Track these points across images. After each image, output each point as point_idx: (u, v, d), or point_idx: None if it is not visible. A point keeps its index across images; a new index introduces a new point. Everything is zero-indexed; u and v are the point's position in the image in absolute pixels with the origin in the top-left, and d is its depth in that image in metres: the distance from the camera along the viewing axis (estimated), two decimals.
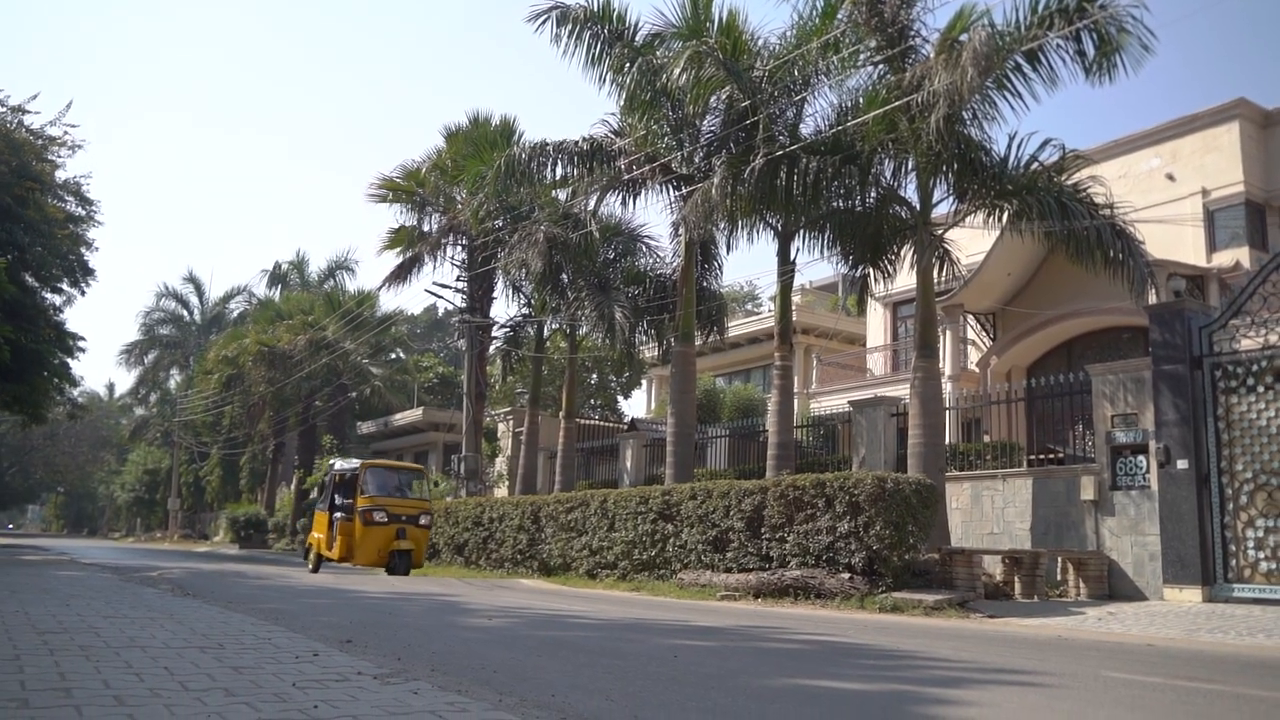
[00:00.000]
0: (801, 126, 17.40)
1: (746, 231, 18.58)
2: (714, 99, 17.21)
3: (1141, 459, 12.88)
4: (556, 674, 5.27)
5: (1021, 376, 21.67)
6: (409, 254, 28.99)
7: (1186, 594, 11.82)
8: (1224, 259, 20.62)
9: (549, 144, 19.80)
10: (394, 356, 46.67)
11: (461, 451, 28.52)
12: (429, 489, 20.90)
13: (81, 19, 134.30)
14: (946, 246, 16.34)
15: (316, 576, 17.14)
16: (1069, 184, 14.62)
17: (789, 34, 17.26)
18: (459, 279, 28.40)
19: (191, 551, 36.14)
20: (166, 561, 21.57)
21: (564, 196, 23.19)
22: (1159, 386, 12.63)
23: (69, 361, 24.62)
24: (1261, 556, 11.42)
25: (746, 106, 16.35)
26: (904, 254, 16.74)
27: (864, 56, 15.74)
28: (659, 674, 5.37)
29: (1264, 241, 20.50)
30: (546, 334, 26.85)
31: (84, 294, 25.07)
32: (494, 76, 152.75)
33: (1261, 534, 11.46)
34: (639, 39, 18.45)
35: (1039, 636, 8.99)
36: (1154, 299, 14.27)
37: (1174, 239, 20.76)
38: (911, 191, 15.92)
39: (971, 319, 24.02)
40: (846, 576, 12.24)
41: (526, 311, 26.85)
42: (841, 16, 15.92)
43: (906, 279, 17.82)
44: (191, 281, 60.73)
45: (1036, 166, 14.69)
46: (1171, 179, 21.86)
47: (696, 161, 18.71)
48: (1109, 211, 14.51)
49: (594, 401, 38.31)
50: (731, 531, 14.23)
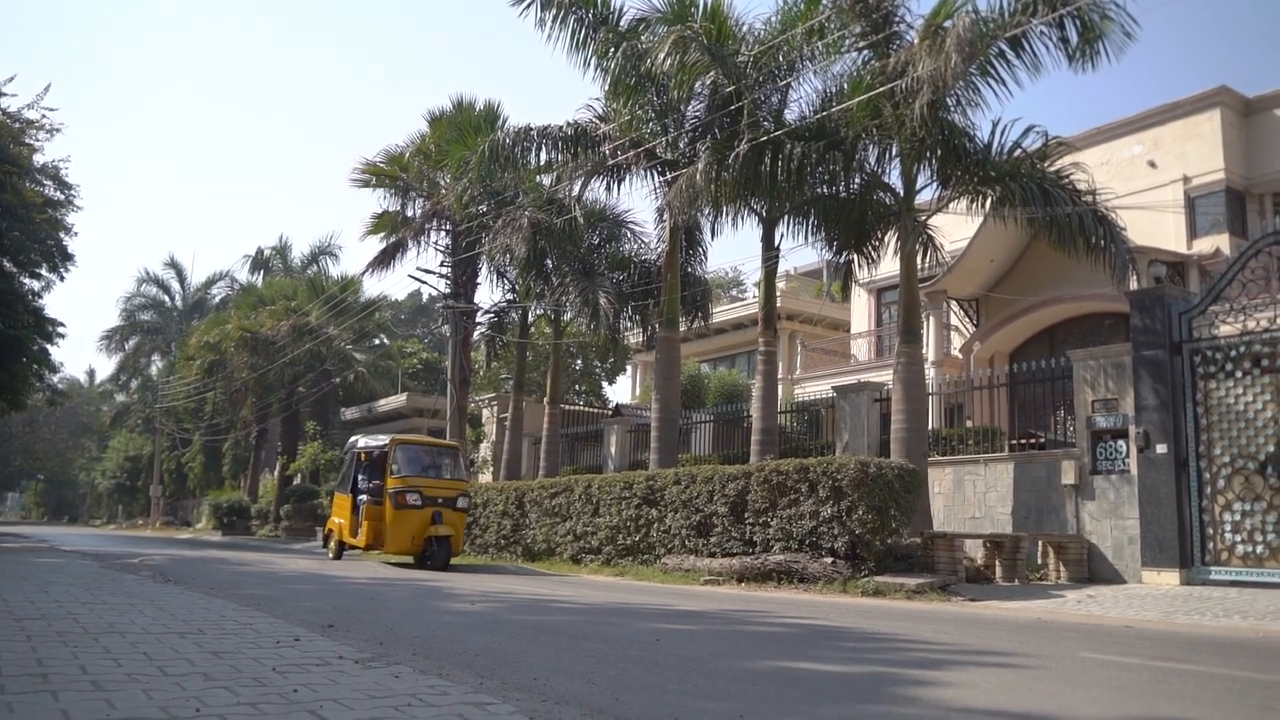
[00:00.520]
0: (786, 112, 17.40)
1: (731, 217, 18.57)
2: (699, 84, 17.17)
3: (1121, 443, 12.97)
4: (538, 657, 5.28)
5: (1004, 362, 21.78)
6: (392, 239, 28.83)
7: (1165, 577, 11.93)
8: (1204, 246, 20.74)
9: (533, 129, 19.71)
10: (378, 342, 46.51)
11: (446, 438, 28.45)
12: (465, 468, 18.35)
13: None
14: (930, 233, 16.39)
15: (300, 563, 17.03)
16: (1052, 170, 14.68)
17: (774, 19, 17.26)
18: (443, 264, 28.28)
19: (174, 538, 35.99)
20: (148, 548, 21.47)
21: (548, 182, 23.11)
22: (1139, 372, 12.72)
23: (48, 348, 24.42)
24: (1238, 540, 11.53)
25: (731, 92, 16.32)
26: (888, 240, 16.79)
27: (849, 42, 15.73)
28: (640, 657, 5.39)
29: (1244, 228, 20.62)
30: (531, 320, 26.79)
31: (63, 279, 24.90)
32: (478, 61, 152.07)
33: (1238, 517, 11.57)
34: (623, 24, 18.37)
35: (1019, 619, 9.06)
36: (1135, 285, 14.36)
37: (1155, 226, 20.85)
38: (895, 177, 15.98)
39: (955, 305, 24.10)
40: (829, 561, 12.30)
41: (511, 297, 26.78)
42: (826, 2, 15.92)
43: (890, 265, 17.86)
44: (173, 267, 60.36)
45: (1019, 153, 14.73)
46: (1153, 166, 21.94)
47: (681, 147, 18.67)
48: (1091, 198, 14.57)
49: (579, 387, 38.32)
50: (715, 516, 14.27)
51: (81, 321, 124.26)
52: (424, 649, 5.36)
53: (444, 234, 28.31)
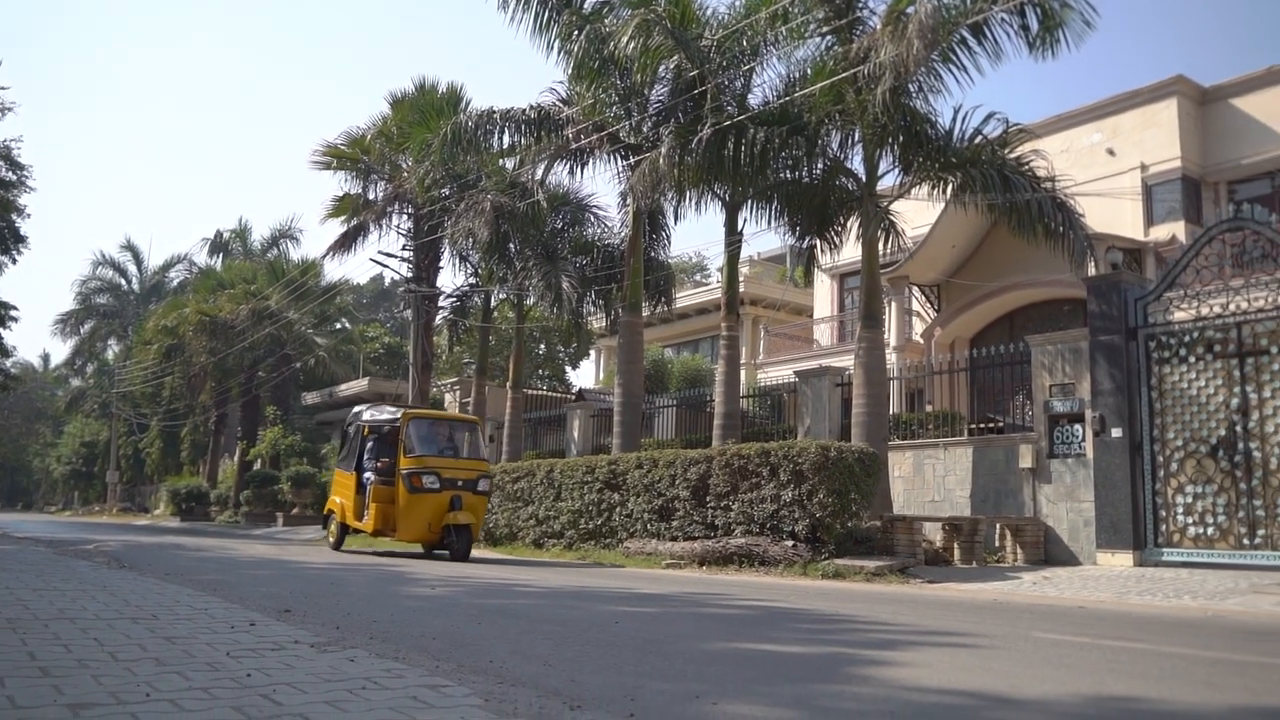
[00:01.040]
0: (750, 97, 17.41)
1: (694, 202, 18.57)
2: (662, 68, 17.13)
3: (1078, 428, 13.15)
4: (496, 640, 5.27)
5: (965, 347, 21.97)
6: (354, 222, 28.60)
7: (1119, 558, 12.14)
8: (1161, 233, 21.03)
9: (496, 112, 19.58)
10: (339, 326, 46.14)
11: None
12: (485, 445, 16.31)
13: None
14: (892, 219, 16.49)
15: (259, 548, 16.81)
16: (1012, 157, 14.81)
17: (738, 3, 17.23)
18: (405, 248, 28.09)
19: (131, 525, 35.56)
20: (104, 535, 21.18)
21: (511, 165, 22.99)
22: (1095, 357, 12.89)
23: (1, 331, 23.97)
24: (1190, 522, 11.75)
25: (695, 76, 16.30)
26: (850, 225, 16.86)
27: (812, 27, 15.74)
28: (598, 639, 5.40)
29: (1199, 216, 20.91)
30: (494, 304, 26.70)
31: (15, 262, 24.43)
32: (441, 42, 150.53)
33: (1190, 500, 11.79)
34: (587, 6, 18.30)
35: (975, 600, 9.17)
36: (1093, 271, 14.52)
37: (1114, 213, 21.11)
38: (858, 163, 16.06)
39: (916, 290, 24.27)
40: (790, 544, 12.38)
41: (473, 281, 26.66)
42: None
43: (853, 250, 17.96)
44: (129, 250, 59.45)
45: (980, 140, 14.85)
46: (1112, 154, 22.20)
47: (645, 131, 18.63)
48: (1050, 185, 14.73)
49: (542, 372, 38.24)
50: (677, 500, 14.32)
51: (35, 305, 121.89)
52: (381, 633, 5.33)
53: (406, 217, 28.13)
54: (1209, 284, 12.03)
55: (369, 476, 15.91)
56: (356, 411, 17.57)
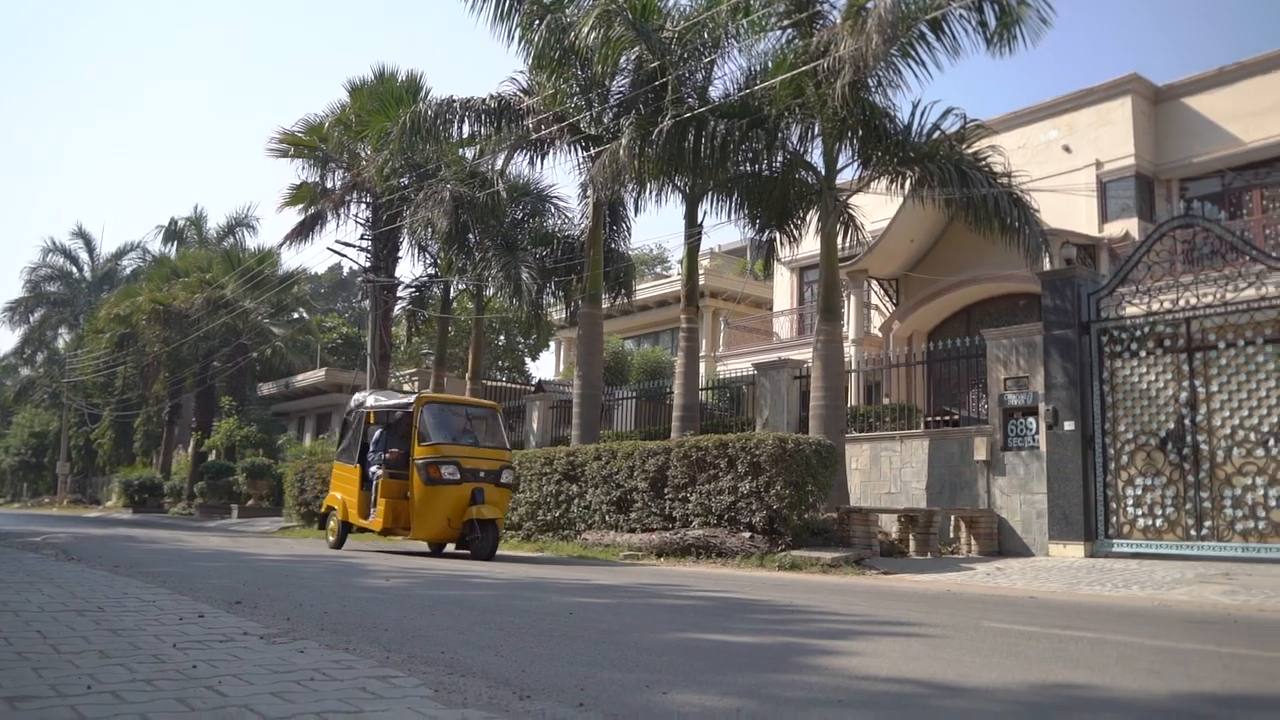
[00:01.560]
0: (711, 89, 17.43)
1: (655, 194, 18.53)
2: (623, 59, 17.09)
3: (1032, 420, 13.32)
4: (449, 631, 5.24)
5: (923, 341, 22.20)
6: (311, 211, 28.29)
7: (1070, 549, 12.32)
8: (1115, 229, 21.35)
9: (456, 101, 19.41)
10: (296, 316, 45.59)
11: None
12: (505, 433, 14.82)
13: None
14: (851, 212, 16.58)
15: (213, 540, 16.56)
16: (969, 153, 14.93)
17: None
18: (363, 237, 27.84)
19: (81, 516, 34.97)
20: (53, 526, 20.82)
21: (471, 155, 22.85)
22: (1049, 351, 13.06)
23: None
24: (1139, 513, 11.96)
25: (656, 68, 16.27)
26: (810, 219, 16.94)
27: (773, 20, 15.77)
28: (552, 630, 5.38)
29: (1152, 213, 21.27)
30: (453, 294, 26.53)
31: None
32: (401, 29, 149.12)
33: (1140, 492, 12.00)
34: None
35: (929, 591, 9.27)
36: (1048, 266, 14.72)
37: (1069, 209, 21.39)
38: (817, 157, 16.11)
39: (875, 284, 24.46)
40: (747, 535, 12.44)
41: (432, 272, 26.49)
42: None
43: (813, 244, 18.04)
44: (81, 237, 58.37)
45: (939, 135, 14.96)
46: (1068, 150, 22.49)
47: (605, 122, 18.57)
48: (1007, 180, 14.88)
49: (502, 363, 38.11)
50: (635, 492, 14.33)
51: None
52: (333, 624, 5.28)
53: (364, 206, 27.88)
54: (1160, 280, 12.24)
55: (375, 470, 14.36)
56: (359, 398, 16.06)
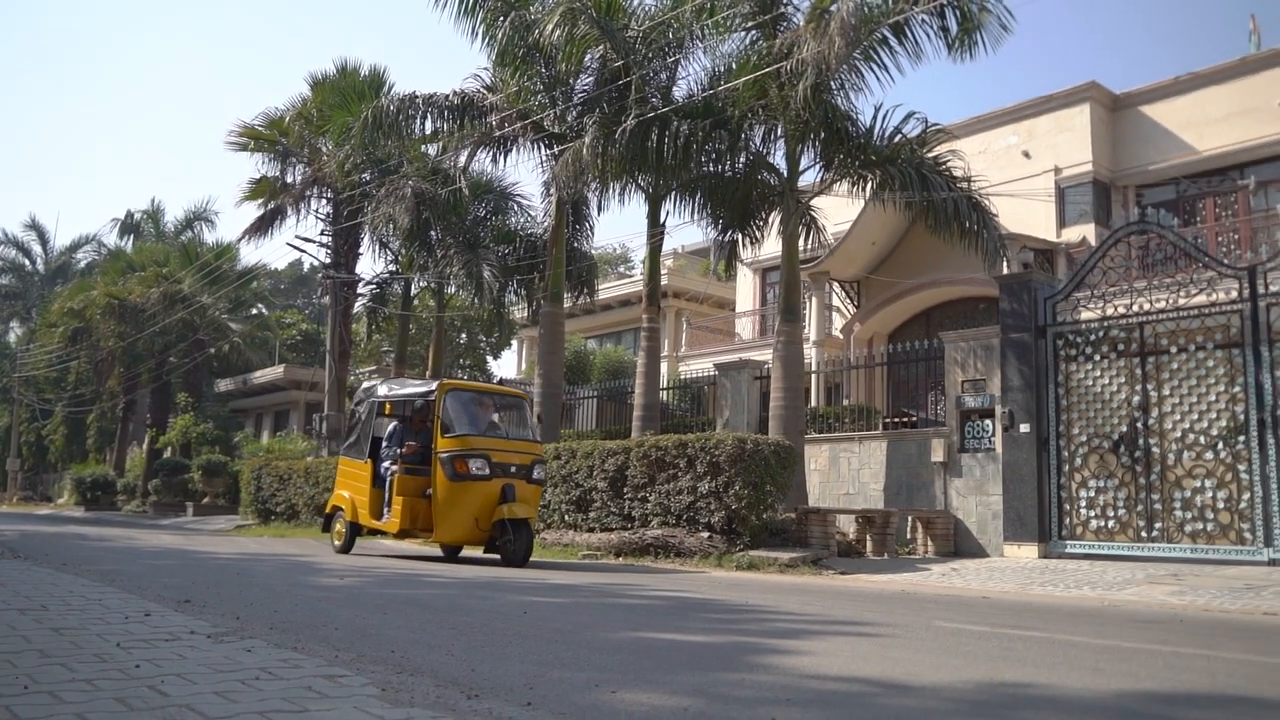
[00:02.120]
0: (674, 89, 17.46)
1: (618, 193, 18.56)
2: (588, 58, 17.07)
3: (988, 423, 13.45)
4: (400, 630, 5.19)
5: (883, 343, 22.36)
6: (271, 205, 27.95)
7: (1025, 550, 12.46)
8: (1072, 234, 21.63)
9: (419, 97, 19.29)
10: (255, 312, 45.09)
11: (324, 411, 27.80)
12: (535, 424, 13.69)
13: None
14: (813, 214, 16.68)
15: (165, 538, 16.27)
16: (930, 157, 15.08)
17: None
18: (324, 233, 27.56)
19: (32, 514, 34.31)
20: (1, 524, 20.40)
21: (434, 151, 22.71)
22: (1006, 354, 13.20)
23: None
24: (1092, 515, 12.12)
25: (620, 67, 16.26)
26: (772, 220, 17.01)
27: (737, 21, 15.81)
28: (504, 629, 5.35)
29: (1108, 218, 21.55)
30: (414, 292, 26.39)
31: None
32: (364, 23, 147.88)
33: (1093, 494, 12.16)
34: None
35: (884, 591, 9.32)
36: (1006, 270, 14.89)
37: (1028, 214, 21.64)
38: (780, 159, 16.19)
39: (837, 286, 24.61)
40: (706, 535, 12.45)
41: (394, 268, 26.30)
42: None
43: (775, 245, 18.11)
44: (34, 229, 57.22)
45: (900, 139, 15.08)
46: (1027, 156, 22.74)
47: (569, 121, 18.52)
48: (967, 185, 15.05)
49: (463, 361, 37.91)
50: (595, 491, 14.29)
51: None
52: (283, 623, 5.21)
53: (325, 202, 27.61)
54: (1115, 285, 12.41)
55: (389, 465, 12.99)
56: (368, 387, 14.52)
